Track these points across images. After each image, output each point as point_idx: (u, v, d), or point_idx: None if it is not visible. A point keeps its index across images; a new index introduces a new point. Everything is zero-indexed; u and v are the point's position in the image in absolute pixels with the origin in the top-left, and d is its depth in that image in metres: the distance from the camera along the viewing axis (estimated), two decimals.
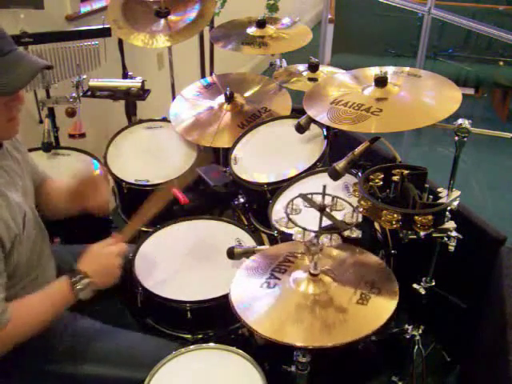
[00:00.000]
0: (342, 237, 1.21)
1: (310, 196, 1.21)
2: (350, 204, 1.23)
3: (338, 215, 1.24)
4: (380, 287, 1.18)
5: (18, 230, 1.23)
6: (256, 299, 1.17)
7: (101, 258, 1.34)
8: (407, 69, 1.59)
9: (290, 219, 1.18)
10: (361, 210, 1.36)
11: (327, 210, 1.17)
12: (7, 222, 1.19)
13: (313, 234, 1.16)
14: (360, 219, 1.21)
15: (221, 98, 2.17)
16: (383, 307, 1.13)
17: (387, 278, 1.21)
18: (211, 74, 2.96)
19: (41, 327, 1.25)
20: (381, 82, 1.47)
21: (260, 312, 1.14)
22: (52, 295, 1.29)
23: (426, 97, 1.46)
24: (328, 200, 1.18)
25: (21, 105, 1.22)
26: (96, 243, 1.37)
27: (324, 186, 1.14)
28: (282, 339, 1.06)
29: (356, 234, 1.20)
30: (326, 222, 1.17)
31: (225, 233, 1.76)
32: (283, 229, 1.28)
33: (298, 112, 1.95)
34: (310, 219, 1.22)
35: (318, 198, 1.20)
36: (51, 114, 2.23)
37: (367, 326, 1.08)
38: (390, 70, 1.56)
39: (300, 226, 1.16)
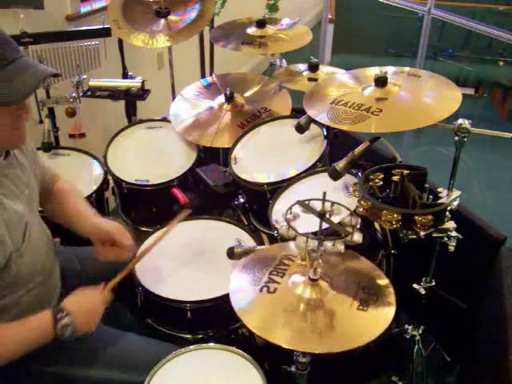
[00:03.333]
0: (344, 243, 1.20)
1: (307, 202, 1.20)
2: (349, 209, 1.22)
3: (337, 219, 1.24)
4: (377, 294, 1.17)
5: (16, 245, 1.21)
6: (255, 301, 1.17)
7: (87, 302, 1.31)
8: (407, 69, 1.59)
9: (291, 227, 1.18)
10: (361, 209, 1.35)
11: (327, 215, 1.16)
12: (4, 239, 1.17)
13: (315, 242, 1.15)
14: (359, 224, 1.21)
15: (221, 98, 2.16)
16: (382, 314, 1.13)
17: (383, 286, 1.20)
18: (211, 74, 2.96)
19: (8, 358, 1.20)
20: (381, 81, 1.47)
21: (259, 314, 1.14)
22: (31, 329, 1.24)
23: (426, 97, 1.46)
24: (327, 204, 1.17)
25: (27, 114, 1.19)
26: (85, 287, 1.33)
27: (324, 193, 1.14)
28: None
29: (357, 238, 1.19)
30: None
31: (225, 233, 1.76)
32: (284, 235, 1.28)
33: (298, 112, 1.95)
34: (308, 222, 1.22)
35: (315, 203, 1.19)
36: (51, 114, 2.22)
37: (367, 334, 1.09)
38: (390, 70, 1.56)
39: (302, 234, 1.16)
